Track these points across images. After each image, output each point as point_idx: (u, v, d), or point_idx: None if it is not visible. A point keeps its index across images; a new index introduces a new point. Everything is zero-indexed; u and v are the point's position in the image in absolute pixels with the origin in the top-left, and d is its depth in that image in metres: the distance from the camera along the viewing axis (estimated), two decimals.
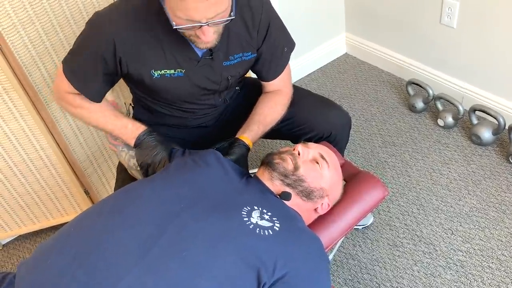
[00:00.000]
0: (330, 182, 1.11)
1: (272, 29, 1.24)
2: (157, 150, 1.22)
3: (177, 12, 0.96)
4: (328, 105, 1.41)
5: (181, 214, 0.94)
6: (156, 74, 1.17)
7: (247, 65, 1.28)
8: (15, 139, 1.57)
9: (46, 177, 1.71)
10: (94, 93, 1.21)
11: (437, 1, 1.95)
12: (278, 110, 1.34)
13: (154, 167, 1.21)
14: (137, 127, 1.25)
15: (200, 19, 0.97)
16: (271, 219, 0.97)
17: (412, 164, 1.89)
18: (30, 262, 0.94)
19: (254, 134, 1.28)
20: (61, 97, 1.24)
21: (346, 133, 1.44)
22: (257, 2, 1.20)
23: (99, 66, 1.15)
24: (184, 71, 1.19)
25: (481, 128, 1.86)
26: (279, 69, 1.33)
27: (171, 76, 1.18)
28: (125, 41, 1.11)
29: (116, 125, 1.25)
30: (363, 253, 1.62)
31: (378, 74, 2.42)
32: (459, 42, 1.96)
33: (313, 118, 1.37)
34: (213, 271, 0.87)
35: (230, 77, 1.25)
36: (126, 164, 1.30)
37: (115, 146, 1.31)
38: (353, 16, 2.45)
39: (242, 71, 1.28)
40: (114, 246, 0.89)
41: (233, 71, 1.25)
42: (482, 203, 1.69)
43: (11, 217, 1.79)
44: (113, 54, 1.12)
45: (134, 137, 1.24)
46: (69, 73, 1.18)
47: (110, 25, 1.10)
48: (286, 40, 1.32)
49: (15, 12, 1.37)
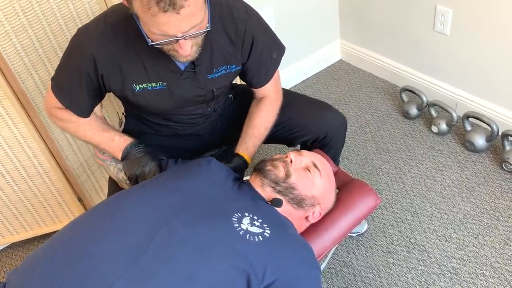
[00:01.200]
0: (322, 191, 1.11)
1: (259, 40, 1.22)
2: (144, 160, 1.21)
3: (151, 28, 0.94)
4: (322, 106, 1.42)
5: (171, 221, 0.93)
6: (138, 87, 1.17)
7: (232, 77, 1.27)
8: (8, 146, 1.56)
9: (39, 184, 1.70)
10: (81, 108, 1.21)
11: (430, 8, 1.96)
12: (269, 119, 1.34)
13: (143, 178, 1.20)
14: (124, 139, 1.25)
15: (175, 33, 0.94)
16: (261, 226, 0.97)
17: (406, 171, 1.89)
18: (20, 271, 0.93)
19: (251, 151, 1.30)
20: (51, 112, 1.25)
21: (342, 135, 1.45)
22: (241, 13, 1.17)
23: (83, 82, 1.15)
24: (166, 84, 1.18)
25: (475, 134, 1.87)
26: (269, 75, 1.32)
27: (153, 89, 1.18)
28: (104, 58, 1.11)
29: (103, 137, 1.25)
30: (357, 261, 1.61)
31: (372, 80, 2.43)
32: (453, 49, 1.97)
33: (308, 120, 1.37)
34: (203, 278, 0.87)
35: (215, 89, 1.25)
36: (115, 177, 1.29)
37: (103, 161, 1.31)
38: (347, 23, 2.46)
39: (227, 82, 1.28)
40: (104, 253, 0.88)
41: (218, 83, 1.24)
42: (475, 209, 1.69)
43: (3, 225, 1.77)
44: (95, 71, 1.13)
45: (120, 150, 1.24)
46: (56, 90, 1.20)
47: (90, 43, 1.10)
48: (275, 46, 1.30)
49: (7, 20, 1.37)
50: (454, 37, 1.93)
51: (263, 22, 1.26)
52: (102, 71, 1.13)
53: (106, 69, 1.13)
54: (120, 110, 1.40)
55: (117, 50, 1.11)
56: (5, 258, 1.89)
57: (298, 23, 2.32)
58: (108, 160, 1.29)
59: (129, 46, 1.11)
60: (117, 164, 1.27)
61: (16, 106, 1.47)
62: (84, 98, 1.18)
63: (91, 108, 1.23)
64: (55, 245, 0.95)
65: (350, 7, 2.38)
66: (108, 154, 1.28)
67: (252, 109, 1.35)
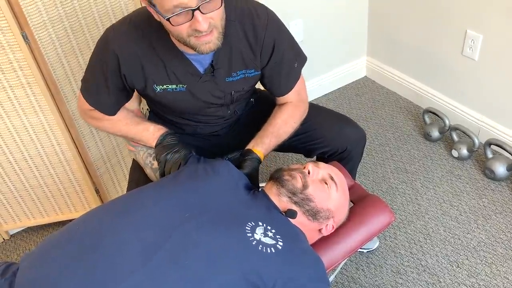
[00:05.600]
0: (337, 204, 1.10)
1: (279, 48, 1.22)
2: (177, 147, 1.25)
3: (166, 4, 0.95)
4: (343, 120, 1.42)
5: (186, 223, 0.94)
6: (159, 88, 1.20)
7: (251, 81, 1.28)
8: (33, 132, 1.61)
9: (59, 172, 1.74)
10: (107, 107, 1.25)
11: (460, 32, 1.95)
12: (291, 123, 1.33)
13: (170, 164, 1.23)
14: (158, 129, 1.28)
15: (188, 2, 0.95)
16: (274, 237, 0.96)
17: (423, 193, 1.88)
18: (34, 255, 0.95)
19: (266, 147, 1.28)
20: (85, 113, 1.30)
21: (360, 150, 1.44)
22: (262, 21, 1.18)
23: (109, 81, 1.18)
24: (186, 86, 1.20)
25: (496, 162, 1.85)
26: (289, 84, 1.32)
27: (173, 90, 1.21)
28: (127, 58, 1.14)
29: (138, 129, 1.28)
30: (366, 278, 1.60)
31: (396, 100, 2.42)
32: (480, 74, 1.95)
33: (328, 132, 1.37)
34: (213, 285, 0.87)
35: (233, 92, 1.26)
36: (142, 162, 1.32)
37: (134, 147, 1.34)
38: (375, 41, 2.47)
39: (246, 87, 1.29)
40: (118, 247, 0.89)
41: (237, 87, 1.26)
42: (491, 238, 1.67)
43: (21, 208, 1.82)
44: (118, 70, 1.16)
45: (156, 138, 1.27)
46: (84, 90, 1.25)
47: (114, 42, 1.14)
48: (296, 55, 1.31)
49: (46, 10, 1.42)
50: (482, 63, 1.92)
51: (285, 29, 1.26)
52: (124, 71, 1.16)
53: (129, 68, 1.16)
54: (145, 106, 1.43)
55: (139, 50, 1.14)
56: (20, 241, 1.93)
57: (326, 37, 2.33)
58: (140, 146, 1.32)
59: (151, 47, 1.14)
60: (148, 150, 1.30)
61: (46, 94, 1.51)
62: (110, 96, 1.22)
63: (117, 107, 1.27)
64: (70, 233, 0.96)
65: (380, 25, 2.39)
66: (143, 144, 1.31)
67: (275, 111, 1.35)
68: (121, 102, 1.27)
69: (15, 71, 1.46)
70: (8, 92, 1.50)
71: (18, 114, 1.55)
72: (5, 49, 1.41)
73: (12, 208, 1.81)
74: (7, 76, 1.46)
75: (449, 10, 1.97)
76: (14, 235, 1.96)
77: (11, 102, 1.52)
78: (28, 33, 1.39)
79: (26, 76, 1.47)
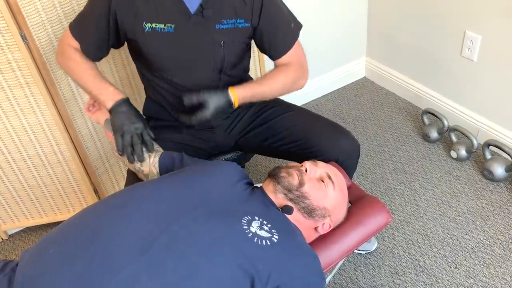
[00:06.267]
0: (334, 203, 1.11)
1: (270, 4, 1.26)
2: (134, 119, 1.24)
3: None
4: (337, 131, 1.40)
5: (183, 215, 0.95)
6: (147, 27, 1.22)
7: (241, 35, 1.29)
8: (32, 132, 1.61)
9: (58, 172, 1.74)
10: (86, 45, 1.27)
11: (459, 33, 1.95)
12: (281, 79, 1.33)
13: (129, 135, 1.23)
14: (118, 92, 1.27)
15: None
16: (270, 231, 0.97)
17: (421, 194, 1.88)
18: (33, 251, 0.95)
19: (245, 92, 1.27)
20: (61, 49, 1.31)
21: (353, 162, 1.42)
22: None
23: (98, 21, 1.22)
24: (174, 26, 1.22)
25: (494, 163, 1.85)
26: (287, 45, 1.32)
27: (161, 30, 1.22)
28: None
29: (99, 86, 1.27)
30: (364, 278, 1.60)
31: (395, 100, 2.42)
32: (478, 75, 1.96)
33: (321, 142, 1.36)
34: (209, 274, 0.88)
35: (223, 42, 1.26)
36: (132, 168, 1.32)
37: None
38: (374, 41, 2.47)
39: (236, 39, 1.29)
40: (115, 240, 0.90)
41: (226, 37, 1.26)
42: (489, 239, 1.67)
43: (19, 208, 1.82)
44: (109, 7, 1.19)
45: (114, 100, 1.25)
46: (73, 26, 1.28)
47: None
48: (292, 17, 1.34)
49: (44, 11, 1.42)
50: (481, 64, 1.92)
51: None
52: (115, 6, 1.19)
53: (119, 4, 1.19)
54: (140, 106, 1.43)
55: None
56: (18, 241, 1.93)
57: (325, 37, 2.33)
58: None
59: None
60: None
61: (44, 94, 1.51)
62: (94, 35, 1.25)
63: (94, 51, 1.29)
64: (69, 228, 0.97)
65: (379, 26, 2.39)
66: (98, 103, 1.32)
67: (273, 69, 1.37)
68: (101, 48, 1.29)
69: (13, 71, 1.46)
70: (6, 92, 1.50)
71: (17, 114, 1.56)
72: (3, 50, 1.41)
73: (10, 208, 1.81)
74: (6, 76, 1.47)
75: (448, 11, 1.97)
76: (13, 235, 1.96)
77: (9, 102, 1.52)
78: (26, 33, 1.40)
79: (24, 76, 1.48)
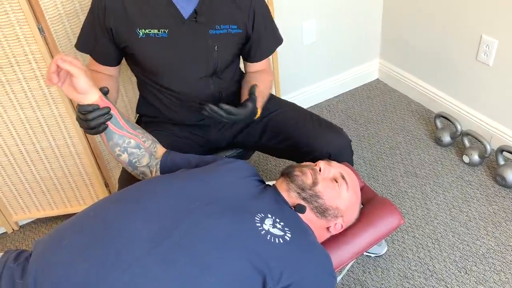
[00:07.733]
0: (347, 204, 1.10)
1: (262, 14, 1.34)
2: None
3: None
4: (327, 126, 1.41)
5: (196, 211, 0.95)
6: (141, 33, 1.23)
7: (234, 40, 1.32)
8: (46, 124, 1.62)
9: (70, 165, 1.75)
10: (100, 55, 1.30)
11: (475, 37, 1.94)
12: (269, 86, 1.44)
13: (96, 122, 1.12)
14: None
15: None
16: (283, 229, 0.97)
17: (432, 198, 1.86)
18: (47, 241, 0.96)
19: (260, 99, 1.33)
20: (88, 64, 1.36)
21: (347, 158, 1.41)
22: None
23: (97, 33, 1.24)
24: (167, 31, 1.24)
25: (507, 169, 1.83)
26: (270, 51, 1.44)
27: (155, 36, 1.24)
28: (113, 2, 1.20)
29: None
30: (372, 281, 1.59)
31: (408, 103, 2.40)
32: (494, 80, 1.94)
33: (311, 138, 1.37)
34: (221, 270, 0.88)
35: (217, 47, 1.28)
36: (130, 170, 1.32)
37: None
38: (388, 44, 2.46)
39: (229, 44, 1.32)
40: (128, 233, 0.90)
41: (220, 42, 1.29)
42: (500, 245, 1.65)
43: (31, 199, 1.83)
44: (104, 14, 1.21)
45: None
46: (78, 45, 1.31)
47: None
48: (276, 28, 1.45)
49: (62, 4, 1.43)
50: (497, 68, 1.90)
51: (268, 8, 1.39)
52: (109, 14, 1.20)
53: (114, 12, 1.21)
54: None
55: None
56: (29, 232, 1.94)
57: (339, 38, 2.32)
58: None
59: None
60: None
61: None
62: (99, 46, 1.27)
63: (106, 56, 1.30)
64: (83, 220, 0.98)
65: (394, 28, 2.38)
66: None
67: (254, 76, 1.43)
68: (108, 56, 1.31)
69: (30, 63, 1.47)
70: (22, 84, 1.51)
71: (31, 106, 1.57)
72: (21, 41, 1.42)
73: (22, 199, 1.83)
74: (22, 68, 1.48)
75: (465, 14, 1.95)
76: (24, 226, 1.98)
77: (25, 94, 1.54)
78: (44, 26, 1.41)
79: (40, 68, 1.49)
